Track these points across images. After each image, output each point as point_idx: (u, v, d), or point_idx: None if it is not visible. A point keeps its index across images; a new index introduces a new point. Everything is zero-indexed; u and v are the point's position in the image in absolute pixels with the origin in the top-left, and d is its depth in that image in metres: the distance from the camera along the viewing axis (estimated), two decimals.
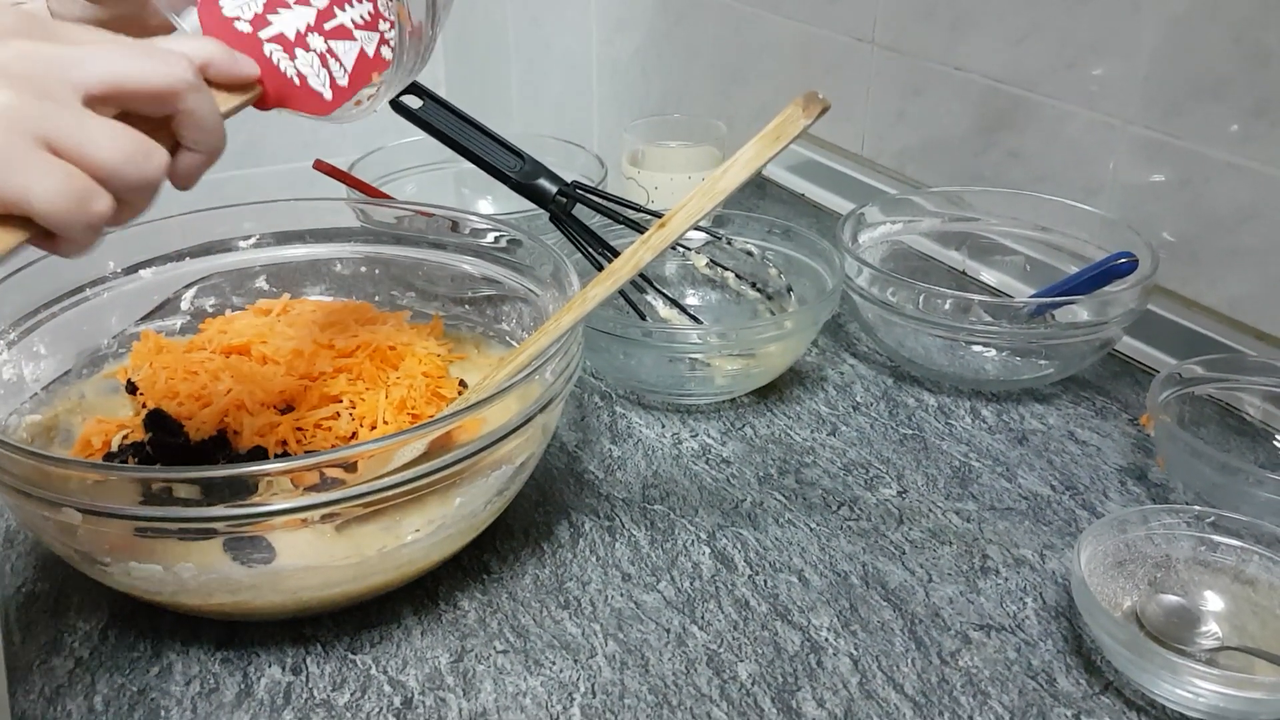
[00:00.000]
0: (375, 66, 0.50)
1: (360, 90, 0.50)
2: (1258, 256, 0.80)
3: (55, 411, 0.68)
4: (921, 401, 0.82)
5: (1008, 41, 0.96)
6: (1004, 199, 0.95)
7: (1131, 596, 0.61)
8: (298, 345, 0.68)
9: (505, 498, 0.63)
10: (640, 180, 1.04)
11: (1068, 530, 0.68)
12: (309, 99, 0.49)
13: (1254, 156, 0.79)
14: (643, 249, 0.56)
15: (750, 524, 0.68)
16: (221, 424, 0.63)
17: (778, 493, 0.71)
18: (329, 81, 0.49)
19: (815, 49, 1.21)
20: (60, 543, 0.56)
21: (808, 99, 0.50)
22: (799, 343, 0.80)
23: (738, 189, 0.53)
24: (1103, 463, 0.74)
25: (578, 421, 0.79)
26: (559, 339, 0.60)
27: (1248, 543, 0.61)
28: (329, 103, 0.49)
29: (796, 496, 0.70)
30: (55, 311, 0.69)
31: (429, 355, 0.71)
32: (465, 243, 0.79)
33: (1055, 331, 0.80)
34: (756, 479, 0.72)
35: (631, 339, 0.76)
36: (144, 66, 0.42)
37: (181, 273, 0.76)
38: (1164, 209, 0.86)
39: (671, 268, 0.92)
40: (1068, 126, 0.93)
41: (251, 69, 0.48)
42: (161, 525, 0.52)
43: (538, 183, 0.82)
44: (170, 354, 0.68)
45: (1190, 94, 0.82)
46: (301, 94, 0.49)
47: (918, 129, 1.10)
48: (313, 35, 0.49)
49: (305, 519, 0.53)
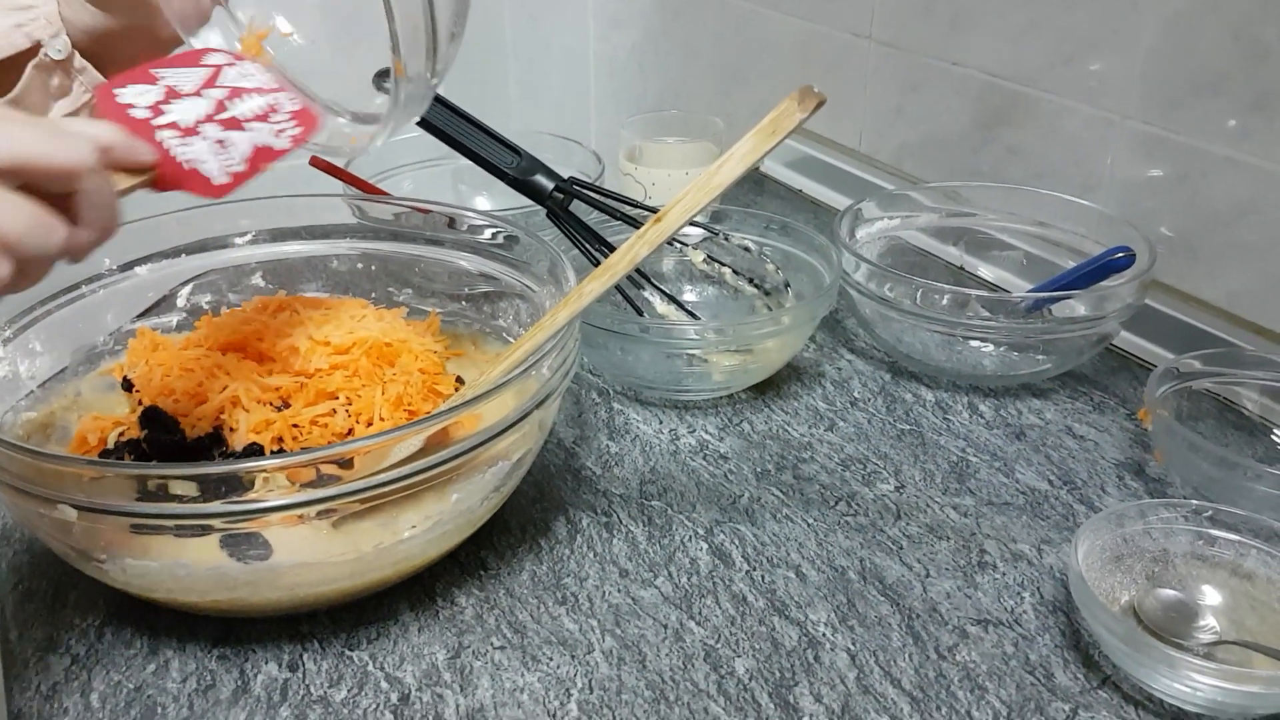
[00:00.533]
0: (270, 156, 0.54)
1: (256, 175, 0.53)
2: (1256, 251, 0.80)
3: (51, 409, 0.68)
4: (919, 397, 0.82)
5: (1006, 37, 0.96)
6: (1002, 194, 0.94)
7: (1129, 591, 0.61)
8: (293, 342, 0.67)
9: (502, 494, 0.63)
10: (638, 176, 1.04)
11: (1065, 525, 0.68)
12: (201, 183, 0.52)
13: (1252, 151, 0.78)
14: (639, 244, 0.56)
15: (748, 519, 0.68)
16: (217, 421, 0.63)
17: (775, 488, 0.71)
18: (223, 167, 0.52)
19: (813, 45, 1.21)
20: (56, 540, 0.56)
21: (803, 93, 0.50)
22: (796, 338, 0.80)
23: (734, 183, 0.53)
24: (1100, 457, 0.74)
25: (575, 418, 0.79)
26: (555, 334, 0.59)
27: (1245, 537, 0.61)
28: (221, 187, 0.52)
29: (794, 492, 0.70)
30: (51, 309, 0.69)
31: (425, 352, 0.70)
32: (462, 239, 0.79)
33: (1053, 326, 0.80)
34: (754, 475, 0.72)
35: (629, 335, 0.75)
36: (48, 146, 0.44)
37: (178, 270, 0.76)
38: (1162, 204, 0.86)
39: (669, 264, 0.92)
40: (1066, 122, 0.92)
41: (148, 154, 0.50)
42: (157, 522, 0.52)
43: (534, 179, 0.82)
44: (166, 351, 0.68)
45: (1188, 89, 0.82)
46: (194, 178, 0.51)
47: (916, 125, 1.10)
48: (206, 125, 0.53)
49: (302, 515, 0.53)
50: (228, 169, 0.52)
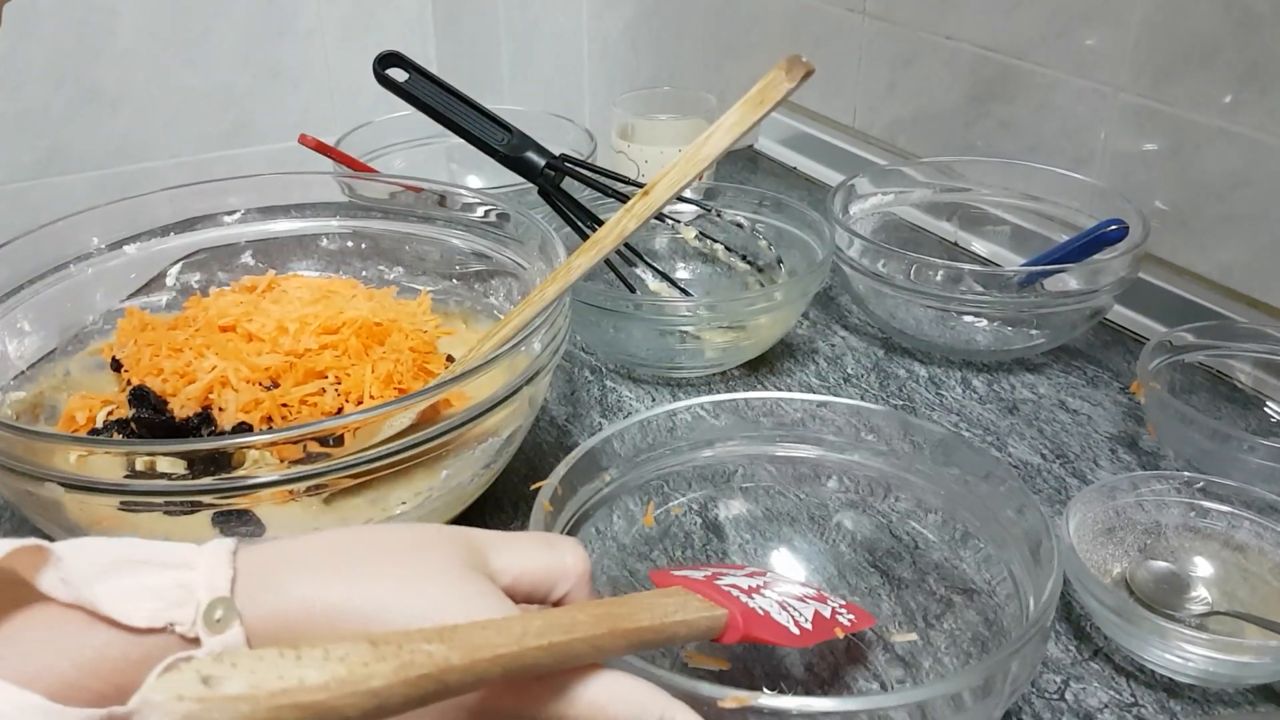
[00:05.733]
0: (832, 625, 0.51)
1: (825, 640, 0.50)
2: (1248, 223, 0.80)
3: (40, 389, 0.67)
4: (912, 372, 0.81)
5: (999, 10, 0.95)
6: (995, 169, 0.94)
7: (1121, 563, 0.61)
8: (283, 321, 0.67)
9: (493, 471, 0.63)
10: (630, 154, 1.03)
11: (1058, 498, 0.68)
12: (778, 630, 0.47)
13: (1244, 123, 0.78)
14: (627, 217, 0.56)
15: (741, 495, 0.68)
16: (206, 401, 0.63)
17: (768, 464, 0.70)
18: (793, 620, 0.49)
19: (806, 20, 1.20)
20: (45, 519, 0.56)
21: (791, 62, 0.50)
22: (789, 314, 0.80)
23: (722, 155, 0.53)
24: (1093, 431, 0.74)
25: (568, 395, 0.79)
26: (544, 310, 0.59)
27: (1238, 508, 0.61)
28: (800, 636, 0.48)
29: (786, 467, 0.70)
30: (39, 288, 0.69)
31: (416, 331, 0.70)
32: (454, 217, 0.78)
33: (1046, 300, 0.80)
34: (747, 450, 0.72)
35: (621, 312, 0.75)
36: None
37: (167, 248, 0.76)
38: (1155, 176, 0.85)
39: (662, 241, 0.92)
40: (1058, 95, 0.92)
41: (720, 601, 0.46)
42: (147, 500, 0.52)
43: (525, 156, 0.81)
44: (155, 331, 0.68)
45: (1181, 61, 0.81)
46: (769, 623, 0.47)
47: (909, 100, 1.09)
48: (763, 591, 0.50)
49: (292, 491, 0.53)
50: (797, 622, 0.48)
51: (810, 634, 0.48)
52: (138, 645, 0.34)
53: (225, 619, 0.35)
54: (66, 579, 0.34)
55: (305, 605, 0.36)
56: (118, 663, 0.34)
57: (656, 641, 0.41)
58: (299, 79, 1.40)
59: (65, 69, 1.26)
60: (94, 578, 0.34)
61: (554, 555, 0.42)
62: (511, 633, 0.35)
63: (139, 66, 1.29)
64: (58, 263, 0.70)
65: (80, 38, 1.25)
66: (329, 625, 0.36)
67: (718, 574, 0.50)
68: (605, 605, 0.40)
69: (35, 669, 0.33)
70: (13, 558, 0.34)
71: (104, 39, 1.26)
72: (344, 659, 0.30)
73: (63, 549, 0.35)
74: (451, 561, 0.38)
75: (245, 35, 1.34)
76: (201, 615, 0.35)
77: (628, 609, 0.40)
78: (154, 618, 0.34)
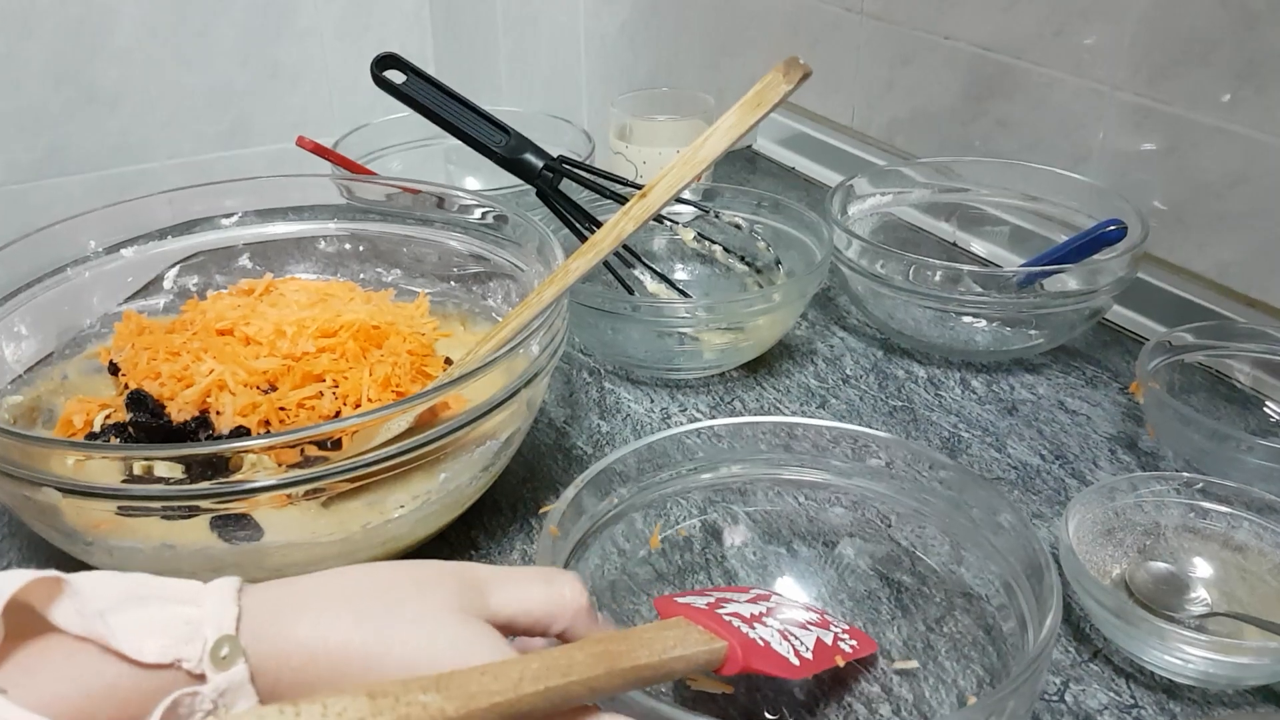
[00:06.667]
0: (833, 653, 0.51)
1: (825, 668, 0.50)
2: (1247, 222, 0.80)
3: (37, 392, 0.67)
4: (911, 373, 0.81)
5: (996, 8, 0.95)
6: (993, 169, 0.94)
7: (1120, 564, 0.61)
8: (280, 325, 0.67)
9: (491, 473, 0.63)
10: (628, 155, 1.03)
11: (1057, 499, 0.67)
12: (778, 661, 0.48)
13: (1242, 121, 0.78)
14: (624, 219, 0.56)
15: (739, 497, 0.67)
16: (204, 404, 0.63)
17: (775, 486, 0.70)
18: (793, 650, 0.49)
19: (804, 20, 1.20)
20: (42, 523, 0.56)
21: (789, 64, 0.50)
22: (787, 315, 0.80)
23: (720, 157, 0.53)
24: (1092, 431, 0.74)
25: (566, 397, 0.79)
26: (541, 312, 0.59)
27: (1237, 509, 0.61)
28: (800, 667, 0.48)
29: (793, 490, 0.70)
30: (36, 291, 0.68)
31: (414, 333, 0.70)
32: (451, 219, 0.78)
33: (1045, 301, 0.80)
34: None
35: (620, 314, 0.75)
36: None
37: (164, 251, 0.75)
38: (1153, 175, 0.85)
39: (660, 242, 0.91)
40: (1056, 93, 0.92)
41: (720, 632, 0.46)
42: (144, 504, 0.52)
43: (523, 157, 0.81)
44: (152, 334, 0.68)
45: (1178, 59, 0.81)
46: (769, 655, 0.47)
47: (907, 99, 1.09)
48: (765, 619, 0.50)
49: (290, 495, 0.53)
50: (798, 652, 0.49)
51: (810, 664, 0.49)
52: (148, 679, 0.35)
53: (230, 656, 0.36)
54: (81, 611, 0.35)
55: (308, 645, 0.37)
56: (129, 694, 0.35)
57: (654, 678, 0.41)
58: (297, 77, 1.40)
59: (63, 68, 1.26)
60: (106, 610, 0.36)
61: (552, 590, 0.43)
62: (508, 678, 0.35)
63: (137, 65, 1.29)
64: (55, 266, 0.70)
65: (78, 37, 1.25)
66: (330, 665, 0.37)
67: (722, 601, 0.50)
68: (603, 643, 0.40)
69: (49, 697, 0.35)
70: (28, 590, 0.35)
71: (102, 38, 1.26)
72: (342, 714, 0.31)
73: (79, 581, 0.36)
74: (451, 602, 0.39)
75: (244, 33, 1.34)
76: (208, 653, 0.36)
77: (626, 646, 0.40)
78: (163, 653, 0.35)
